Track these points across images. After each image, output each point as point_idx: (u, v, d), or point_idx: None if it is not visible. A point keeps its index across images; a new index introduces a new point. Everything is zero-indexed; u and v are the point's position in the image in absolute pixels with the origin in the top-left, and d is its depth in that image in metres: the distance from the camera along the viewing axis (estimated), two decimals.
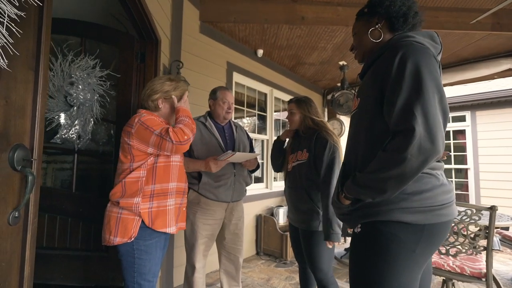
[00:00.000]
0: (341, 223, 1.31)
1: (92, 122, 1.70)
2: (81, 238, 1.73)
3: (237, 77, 2.99)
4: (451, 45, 3.00)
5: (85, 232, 1.73)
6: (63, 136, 1.63)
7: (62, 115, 1.70)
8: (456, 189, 5.22)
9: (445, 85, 4.32)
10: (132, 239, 1.07)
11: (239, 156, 1.56)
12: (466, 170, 5.12)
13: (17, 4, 0.71)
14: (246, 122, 3.68)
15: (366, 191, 0.75)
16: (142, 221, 1.09)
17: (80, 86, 1.64)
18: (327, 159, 1.39)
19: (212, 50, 2.64)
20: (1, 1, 0.66)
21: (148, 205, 1.10)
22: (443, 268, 1.80)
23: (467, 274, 1.73)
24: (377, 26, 0.87)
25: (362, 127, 0.83)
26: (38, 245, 1.73)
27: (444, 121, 0.71)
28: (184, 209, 1.32)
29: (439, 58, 0.82)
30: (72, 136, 1.65)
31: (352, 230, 0.85)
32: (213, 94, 1.71)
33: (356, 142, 0.85)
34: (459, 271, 1.75)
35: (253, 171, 1.82)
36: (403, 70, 0.71)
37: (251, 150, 1.84)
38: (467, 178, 5.09)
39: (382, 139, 0.75)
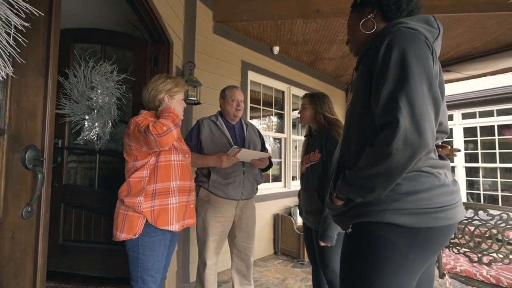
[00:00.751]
0: (338, 227, 1.24)
1: (110, 124, 1.81)
2: (103, 232, 1.85)
3: (252, 76, 2.98)
4: (490, 29, 2.68)
5: (106, 227, 1.86)
6: (85, 138, 1.76)
7: (85, 118, 1.84)
8: (503, 190, 4.68)
9: (487, 74, 3.88)
10: (137, 235, 1.11)
11: (247, 154, 1.55)
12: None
13: (24, 16, 0.77)
14: (263, 123, 3.66)
15: (355, 190, 0.71)
16: (146, 219, 1.13)
17: (99, 90, 1.76)
18: (336, 160, 1.31)
19: (226, 49, 2.66)
20: (7, 14, 0.72)
21: (150, 204, 1.14)
22: (475, 278, 1.62)
23: (504, 285, 1.53)
24: (369, 16, 0.81)
25: (354, 123, 0.78)
26: (67, 238, 1.91)
27: (436, 112, 0.64)
28: (192, 206, 1.35)
29: (437, 43, 0.75)
30: (93, 137, 1.77)
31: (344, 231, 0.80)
32: (222, 93, 1.73)
33: (349, 139, 0.80)
34: (494, 281, 1.56)
35: (265, 169, 1.80)
36: (388, 58, 0.65)
37: (263, 149, 1.82)
38: None
39: (373, 135, 0.69)
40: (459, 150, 1.40)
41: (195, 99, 2.06)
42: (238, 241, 1.68)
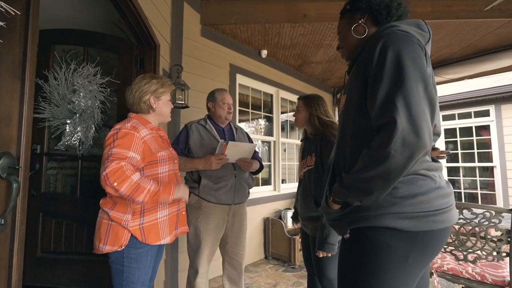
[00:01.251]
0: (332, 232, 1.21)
1: (94, 128, 1.74)
2: (85, 242, 1.76)
3: (240, 79, 2.97)
4: (467, 35, 2.81)
5: (89, 237, 1.76)
6: (66, 143, 1.67)
7: (67, 123, 1.75)
8: (482, 188, 4.89)
9: (464, 77, 4.06)
10: (123, 247, 1.04)
11: (235, 148, 1.53)
12: (492, 168, 4.78)
13: None
14: (252, 126, 3.65)
15: (352, 193, 0.69)
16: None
17: (81, 94, 1.68)
18: (330, 163, 1.29)
19: (214, 52, 2.63)
20: None
21: (139, 222, 1.07)
22: (461, 275, 1.66)
23: (488, 282, 1.58)
24: (360, 22, 0.82)
25: (348, 125, 0.77)
26: (46, 250, 1.80)
27: (431, 112, 0.64)
28: (184, 213, 1.30)
29: (428, 46, 0.76)
30: (75, 142, 1.69)
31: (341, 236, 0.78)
32: (212, 96, 1.70)
33: (343, 142, 0.79)
34: (479, 278, 1.61)
35: (256, 172, 1.78)
36: (383, 60, 0.65)
37: (254, 153, 1.79)
38: (493, 177, 4.75)
39: (369, 137, 0.69)
40: (448, 152, 1.44)
41: (182, 102, 2.02)
42: (230, 248, 1.65)
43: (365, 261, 0.69)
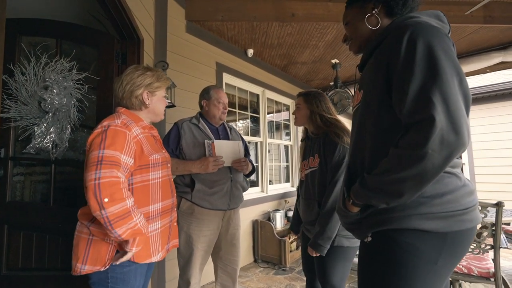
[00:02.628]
0: (332, 236, 1.18)
1: (70, 129, 1.57)
2: (60, 256, 1.58)
3: (227, 78, 2.89)
4: None
5: (65, 250, 1.58)
6: (37, 146, 1.49)
7: (37, 123, 1.56)
8: None
9: None
10: (107, 266, 0.88)
11: (224, 150, 1.46)
12: (461, 165, 5.11)
13: None
14: (241, 125, 3.58)
15: (379, 196, 0.64)
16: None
17: (55, 91, 1.51)
18: (334, 164, 1.21)
19: (200, 50, 2.53)
20: None
21: None
22: None
23: (474, 274, 1.65)
24: (373, 12, 0.77)
25: (367, 122, 0.72)
26: (13, 267, 1.59)
27: (467, 108, 0.60)
28: (175, 224, 1.17)
29: None
30: (47, 145, 1.51)
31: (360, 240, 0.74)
32: (206, 94, 1.60)
33: (361, 140, 0.74)
34: (466, 271, 1.67)
35: (249, 175, 1.71)
36: (413, 52, 0.61)
37: (246, 153, 1.73)
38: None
39: (391, 134, 0.64)
40: None
41: (169, 101, 1.90)
42: (224, 254, 1.56)
43: (392, 266, 0.65)
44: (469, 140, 0.58)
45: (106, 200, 0.79)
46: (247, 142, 1.84)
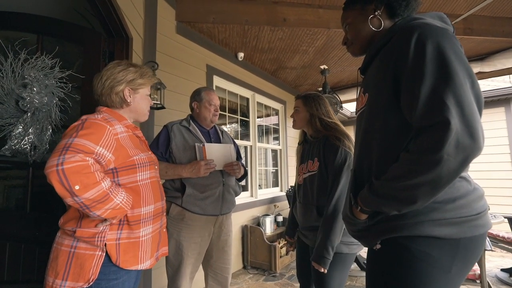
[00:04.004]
0: (335, 245, 1.14)
1: (51, 130, 1.47)
2: (37, 268, 1.46)
3: (218, 81, 2.85)
4: None
5: (42, 261, 1.46)
6: (13, 147, 1.38)
7: (14, 123, 1.45)
8: None
9: None
10: (91, 283, 0.80)
11: (215, 153, 1.43)
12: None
13: None
14: (229, 127, 3.54)
15: (390, 202, 0.62)
16: (106, 256, 0.83)
17: (35, 89, 1.41)
18: (335, 168, 1.18)
19: (190, 52, 2.48)
20: None
21: (116, 235, 0.85)
22: None
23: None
24: (376, 13, 0.75)
25: (374, 126, 0.70)
26: None
27: (480, 111, 0.58)
28: (164, 230, 1.10)
29: None
30: (25, 146, 1.40)
31: (368, 248, 0.71)
32: (197, 96, 1.56)
33: (368, 144, 0.72)
34: None
35: (241, 179, 1.67)
36: (423, 53, 0.59)
37: (238, 157, 1.69)
38: None
39: (400, 138, 0.63)
40: None
41: (158, 102, 1.84)
42: (215, 262, 1.50)
43: (404, 275, 0.62)
44: (484, 143, 0.56)
45: (77, 187, 0.72)
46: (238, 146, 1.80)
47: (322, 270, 1.13)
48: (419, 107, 0.58)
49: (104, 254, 0.83)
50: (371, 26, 0.77)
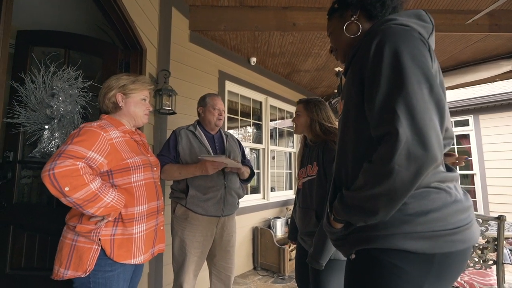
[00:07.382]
0: (332, 251, 1.13)
1: None
2: None
3: (229, 86, 2.94)
4: (448, 48, 2.93)
5: None
6: (42, 150, 1.56)
7: (44, 128, 1.64)
8: None
9: (446, 88, 4.24)
10: (88, 273, 0.90)
11: (229, 163, 1.48)
12: (472, 176, 4.96)
13: None
14: (240, 133, 3.61)
15: (355, 213, 0.62)
16: (102, 250, 0.93)
17: (61, 98, 1.59)
18: (332, 176, 1.19)
19: (203, 59, 2.60)
20: None
21: (111, 231, 0.95)
22: None
23: None
24: (352, 19, 0.74)
25: (348, 135, 0.69)
26: (16, 266, 1.65)
27: (440, 117, 0.55)
28: (162, 228, 1.18)
29: (432, 39, 0.67)
30: (52, 149, 1.58)
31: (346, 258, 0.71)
32: (202, 101, 1.65)
33: (344, 153, 0.71)
34: (467, 287, 1.61)
35: (247, 180, 1.72)
36: (379, 60, 0.58)
37: (243, 159, 1.75)
38: (473, 184, 4.92)
39: (371, 148, 0.60)
40: (466, 158, 1.30)
41: (169, 108, 1.96)
42: (218, 261, 1.57)
43: (374, 287, 0.62)
44: (441, 153, 0.54)
45: (67, 189, 0.80)
46: (244, 147, 1.85)
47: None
48: (374, 117, 0.58)
49: (100, 248, 0.93)
50: (346, 33, 0.76)
